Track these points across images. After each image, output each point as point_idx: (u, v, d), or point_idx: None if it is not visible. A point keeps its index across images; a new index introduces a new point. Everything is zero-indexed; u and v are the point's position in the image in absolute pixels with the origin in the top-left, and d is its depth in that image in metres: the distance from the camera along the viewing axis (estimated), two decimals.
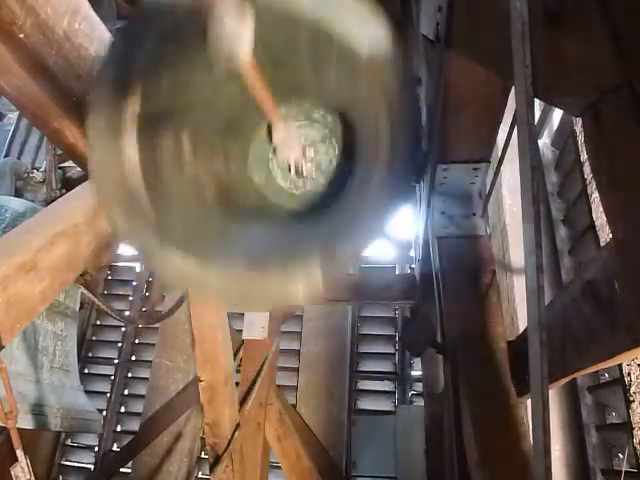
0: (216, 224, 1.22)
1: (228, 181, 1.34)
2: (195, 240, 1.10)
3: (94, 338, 6.19)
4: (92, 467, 5.60)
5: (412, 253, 5.04)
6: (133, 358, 6.06)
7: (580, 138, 2.89)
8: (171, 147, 1.18)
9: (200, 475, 5.34)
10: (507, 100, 1.85)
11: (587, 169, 2.75)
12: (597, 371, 2.52)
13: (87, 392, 3.23)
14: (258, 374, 3.84)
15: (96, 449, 5.65)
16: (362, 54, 1.03)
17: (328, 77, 1.22)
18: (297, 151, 1.32)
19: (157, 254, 1.03)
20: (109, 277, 6.44)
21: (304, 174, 1.35)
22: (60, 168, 2.55)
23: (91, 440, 5.69)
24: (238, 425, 2.98)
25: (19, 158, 5.80)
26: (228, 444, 2.83)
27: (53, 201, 1.71)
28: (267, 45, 1.08)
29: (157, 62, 1.11)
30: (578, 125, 2.91)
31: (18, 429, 1.36)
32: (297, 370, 5.29)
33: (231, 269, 1.04)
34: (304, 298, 0.98)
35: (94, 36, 1.52)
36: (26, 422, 2.14)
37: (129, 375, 5.99)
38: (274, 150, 1.38)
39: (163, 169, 1.15)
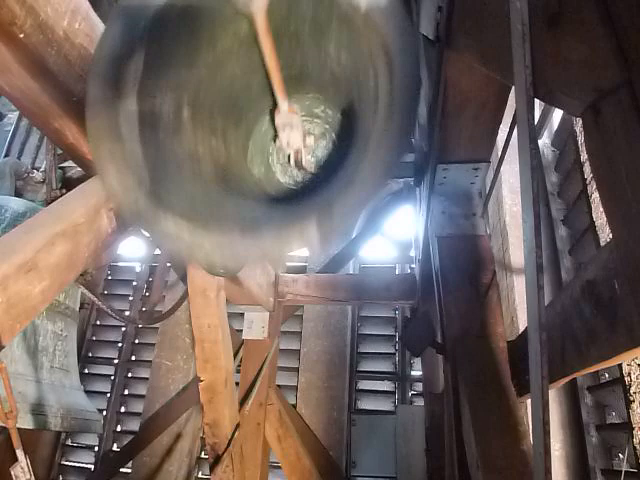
0: (211, 195, 1.22)
1: (226, 164, 1.34)
2: (189, 207, 1.09)
3: (94, 338, 6.20)
4: (92, 467, 5.60)
5: (412, 253, 5.04)
6: (133, 358, 6.06)
7: (580, 138, 2.89)
8: (171, 116, 1.17)
9: (200, 475, 5.34)
10: (507, 100, 1.85)
11: (587, 169, 2.75)
12: (597, 371, 2.52)
13: (87, 392, 3.23)
14: (258, 374, 3.84)
15: (96, 449, 5.65)
16: (360, 8, 1.02)
17: (328, 46, 1.22)
18: (298, 135, 1.32)
19: (149, 215, 1.02)
20: (109, 277, 6.44)
21: (303, 165, 1.35)
22: (60, 168, 2.55)
23: (91, 440, 5.69)
24: (238, 425, 2.97)
25: (19, 158, 5.80)
26: (228, 444, 2.83)
27: (53, 201, 1.71)
28: (270, 15, 1.09)
29: (161, 30, 1.11)
30: (578, 125, 2.91)
31: (18, 429, 1.36)
32: (297, 370, 5.29)
33: (224, 234, 1.03)
34: (297, 248, 0.97)
35: (94, 36, 1.52)
36: (26, 422, 2.14)
37: (129, 375, 5.99)
38: (275, 134, 1.38)
39: (161, 136, 1.15)
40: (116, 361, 6.02)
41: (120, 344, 6.11)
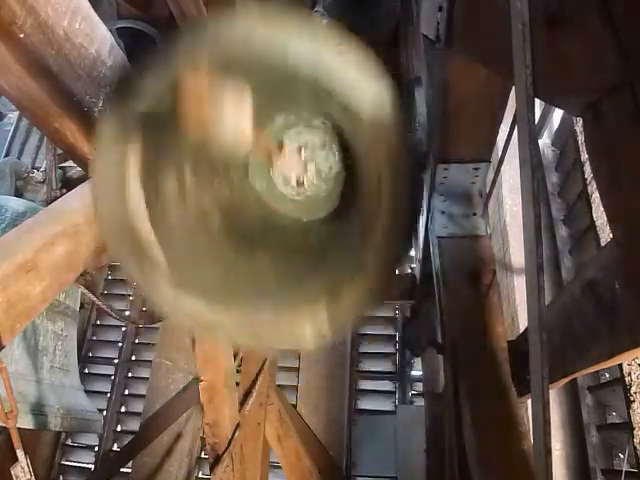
0: (223, 256, 1.23)
1: (231, 199, 1.34)
2: (204, 280, 1.12)
3: (94, 338, 6.19)
4: (92, 467, 5.60)
5: (412, 253, 5.03)
6: (133, 358, 6.06)
7: (580, 138, 2.89)
8: (174, 182, 1.18)
9: (200, 475, 5.34)
10: (507, 100, 1.85)
11: (587, 169, 2.75)
12: (597, 371, 2.52)
13: (87, 392, 3.23)
14: (258, 374, 3.84)
15: (96, 449, 5.65)
16: (363, 113, 1.03)
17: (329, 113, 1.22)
18: (298, 169, 1.32)
19: (170, 299, 1.05)
20: (109, 277, 6.44)
21: (305, 184, 1.35)
22: (60, 168, 2.55)
23: (91, 440, 5.69)
24: (238, 425, 2.97)
25: (19, 158, 5.80)
26: (228, 444, 2.83)
27: (53, 201, 1.71)
28: (264, 85, 1.09)
29: (156, 106, 1.11)
30: (578, 125, 2.91)
31: (18, 429, 1.36)
32: (297, 370, 5.29)
33: (242, 312, 1.06)
34: (311, 341, 1.00)
35: (94, 36, 1.52)
36: (26, 422, 2.14)
37: (129, 375, 6.00)
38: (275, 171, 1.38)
39: (168, 208, 1.15)
40: (116, 361, 6.02)
41: (120, 344, 6.11)
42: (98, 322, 6.27)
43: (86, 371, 5.93)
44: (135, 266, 1.05)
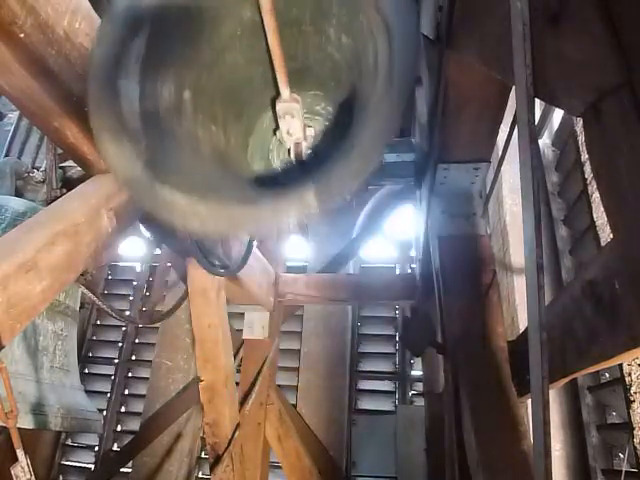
0: (209, 173, 1.22)
1: (225, 152, 1.34)
2: (186, 179, 1.09)
3: (94, 338, 6.20)
4: (92, 467, 5.60)
5: (412, 253, 5.04)
6: (133, 358, 6.06)
7: (580, 138, 2.89)
8: (172, 96, 1.18)
9: (200, 475, 5.34)
10: (507, 100, 1.85)
11: (587, 169, 2.75)
12: (597, 371, 2.52)
13: (87, 392, 3.22)
14: (258, 374, 3.84)
15: (96, 449, 5.65)
16: None
17: (329, 30, 1.21)
18: (299, 124, 1.31)
19: (145, 184, 1.02)
20: (109, 277, 6.44)
21: (304, 158, 1.35)
22: (60, 168, 2.54)
23: (91, 440, 5.69)
24: (238, 425, 2.97)
25: (19, 158, 5.80)
26: (228, 444, 2.83)
27: (53, 201, 1.70)
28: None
29: (165, 9, 1.12)
30: (578, 125, 2.90)
31: (18, 429, 1.36)
32: (297, 370, 5.29)
33: (221, 202, 1.03)
34: (295, 218, 0.96)
35: (94, 36, 1.52)
36: (26, 422, 2.14)
37: (129, 375, 6.00)
38: (275, 128, 1.37)
39: (161, 113, 1.15)
40: (116, 361, 6.02)
41: (120, 344, 6.11)
42: (98, 322, 6.28)
43: (86, 371, 5.93)
44: (114, 143, 1.03)
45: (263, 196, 1.14)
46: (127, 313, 5.62)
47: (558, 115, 3.39)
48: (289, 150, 1.39)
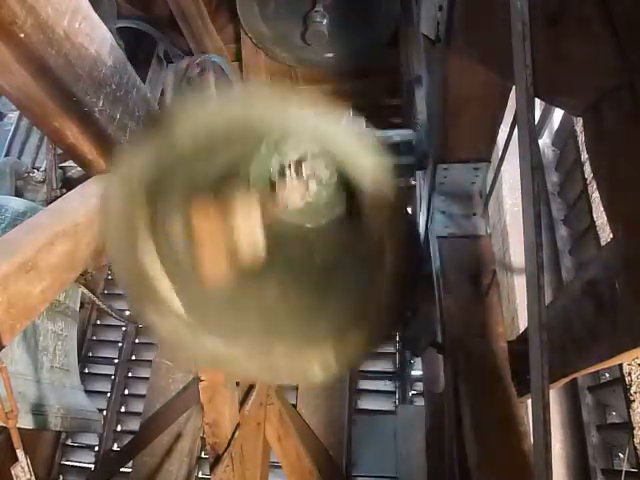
0: (232, 290, 1.24)
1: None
2: (217, 317, 1.16)
3: (94, 338, 6.19)
4: (92, 467, 5.60)
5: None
6: (133, 358, 6.06)
7: (580, 138, 2.89)
8: (180, 222, 1.19)
9: (200, 475, 5.34)
10: (507, 100, 1.85)
11: (587, 169, 2.75)
12: (597, 371, 2.52)
13: (87, 392, 3.23)
14: None
15: (96, 449, 5.65)
16: (364, 186, 1.06)
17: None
18: (301, 191, 1.33)
19: (190, 343, 1.09)
20: (109, 277, 6.43)
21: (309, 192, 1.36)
22: (60, 168, 2.55)
23: (91, 440, 5.69)
24: (238, 425, 2.98)
25: (19, 158, 5.79)
26: (228, 444, 2.83)
27: (53, 201, 1.71)
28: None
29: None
30: (578, 125, 2.90)
31: (18, 429, 1.36)
32: None
33: (254, 346, 1.10)
34: (319, 377, 1.03)
35: (94, 36, 1.52)
36: (26, 422, 2.14)
37: (129, 375, 5.99)
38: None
39: (176, 249, 1.18)
40: (116, 361, 6.02)
41: (120, 344, 6.10)
42: (98, 322, 6.27)
43: (86, 371, 5.93)
44: (154, 314, 1.10)
45: (286, 330, 1.18)
46: (127, 313, 5.61)
47: (558, 115, 3.39)
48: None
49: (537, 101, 1.04)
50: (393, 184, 1.06)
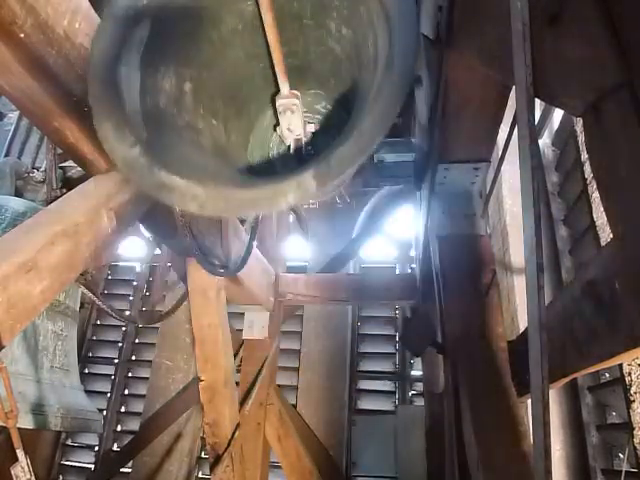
0: (208, 162, 1.22)
1: (226, 147, 1.34)
2: (185, 165, 1.10)
3: (94, 338, 6.19)
4: (92, 467, 5.60)
5: (412, 253, 5.04)
6: (133, 358, 6.06)
7: (580, 138, 2.89)
8: (173, 88, 1.19)
9: (200, 475, 5.34)
10: (507, 100, 1.85)
11: (587, 169, 2.75)
12: (597, 371, 2.52)
13: (87, 392, 3.23)
14: (258, 374, 3.84)
15: (96, 449, 5.65)
16: None
17: (330, 23, 1.22)
18: (299, 119, 1.31)
19: (144, 168, 1.03)
20: (109, 277, 6.44)
21: (303, 153, 1.35)
22: (60, 168, 2.55)
23: (91, 440, 5.69)
24: (238, 425, 2.97)
25: (19, 158, 5.80)
26: (228, 444, 2.83)
27: (53, 201, 1.70)
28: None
29: (167, 3, 1.12)
30: (578, 125, 2.90)
31: (18, 429, 1.36)
32: (297, 370, 5.29)
33: (219, 186, 1.04)
34: (294, 201, 0.95)
35: (96, 29, 1.52)
36: (26, 422, 2.14)
37: (129, 375, 5.99)
38: (276, 124, 1.37)
39: (162, 103, 1.16)
40: (116, 361, 6.02)
41: (120, 344, 6.11)
42: (98, 322, 6.27)
43: (86, 371, 5.93)
44: (115, 132, 1.04)
45: (261, 180, 1.14)
46: (127, 313, 5.62)
47: (558, 115, 3.39)
48: (289, 146, 1.39)
49: (537, 101, 1.04)
50: None
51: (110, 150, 1.04)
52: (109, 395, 5.84)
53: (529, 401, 2.11)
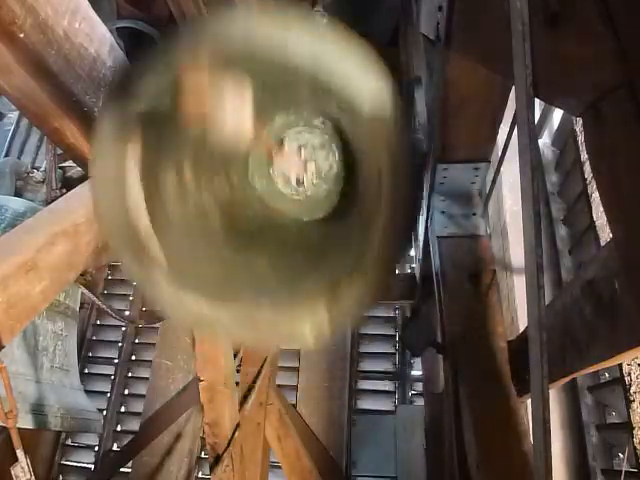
0: (222, 254, 1.22)
1: (231, 198, 1.33)
2: (204, 278, 1.11)
3: (94, 338, 6.19)
4: (92, 467, 5.60)
5: (412, 253, 5.03)
6: (133, 358, 6.05)
7: (580, 138, 2.89)
8: (174, 179, 1.17)
9: (200, 475, 5.33)
10: (507, 100, 1.85)
11: (587, 169, 2.75)
12: (597, 371, 2.52)
13: (87, 392, 3.22)
14: (258, 374, 3.84)
15: (96, 449, 5.64)
16: (363, 110, 1.02)
17: (329, 109, 1.22)
18: (298, 168, 1.31)
19: (170, 298, 1.05)
20: (109, 277, 6.43)
21: (305, 183, 1.35)
22: (60, 168, 2.55)
23: (91, 440, 5.69)
24: (238, 425, 2.97)
25: (19, 158, 5.80)
26: (228, 444, 2.83)
27: (53, 201, 1.71)
28: (264, 82, 1.09)
29: (156, 105, 1.10)
30: (578, 125, 2.90)
31: (18, 429, 1.36)
32: (297, 370, 5.29)
33: (241, 309, 1.05)
34: (311, 340, 0.99)
35: (94, 36, 1.52)
36: (26, 422, 2.14)
37: (129, 375, 5.99)
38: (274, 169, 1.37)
39: (168, 205, 1.15)
40: (116, 361, 6.02)
41: (120, 344, 6.10)
42: (98, 322, 6.27)
43: (86, 371, 5.93)
44: (134, 262, 1.04)
45: (277, 293, 1.14)
46: (127, 313, 5.61)
47: (558, 115, 3.39)
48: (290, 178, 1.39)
49: (537, 101, 1.04)
50: (394, 105, 1.01)
51: (140, 286, 1.06)
52: (109, 395, 5.83)
53: (529, 401, 2.12)
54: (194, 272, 1.11)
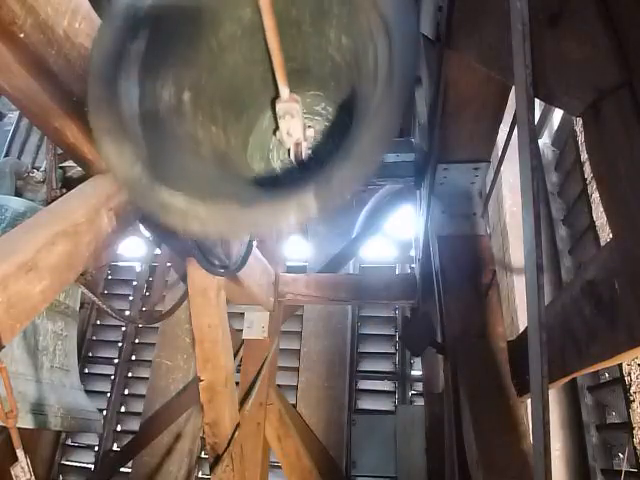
0: (209, 174, 1.22)
1: (225, 153, 1.34)
2: (186, 181, 1.09)
3: (94, 338, 6.19)
4: (92, 467, 5.60)
5: (412, 253, 5.04)
6: (133, 358, 6.06)
7: (580, 138, 2.89)
8: (171, 98, 1.19)
9: (200, 475, 5.34)
10: (507, 100, 1.85)
11: (587, 169, 2.75)
12: (597, 371, 2.52)
13: (87, 392, 3.22)
14: (258, 374, 3.84)
15: (96, 449, 5.65)
16: None
17: (329, 32, 1.21)
18: (298, 124, 1.31)
19: (145, 185, 1.02)
20: (109, 276, 6.44)
21: (303, 159, 1.35)
22: (60, 168, 2.54)
23: (91, 440, 5.69)
24: (238, 425, 2.98)
25: (19, 158, 5.80)
26: (228, 444, 2.83)
27: (53, 201, 1.71)
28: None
29: (164, 11, 1.12)
30: (578, 125, 2.90)
31: (18, 429, 1.36)
32: (297, 370, 5.29)
33: (221, 205, 1.02)
34: (295, 221, 0.95)
35: (94, 36, 1.52)
36: (26, 422, 2.14)
37: (129, 375, 5.99)
38: (276, 128, 1.37)
39: (161, 114, 1.15)
40: (116, 361, 6.02)
41: (120, 344, 6.11)
42: (98, 322, 6.27)
43: (86, 371, 5.93)
44: (113, 143, 1.02)
45: (262, 198, 1.14)
46: (127, 313, 5.61)
47: (558, 115, 3.39)
48: (289, 150, 1.39)
49: (537, 101, 1.04)
50: None
51: (111, 168, 1.04)
52: (109, 395, 5.84)
53: (529, 401, 2.12)
54: (175, 172, 1.09)
